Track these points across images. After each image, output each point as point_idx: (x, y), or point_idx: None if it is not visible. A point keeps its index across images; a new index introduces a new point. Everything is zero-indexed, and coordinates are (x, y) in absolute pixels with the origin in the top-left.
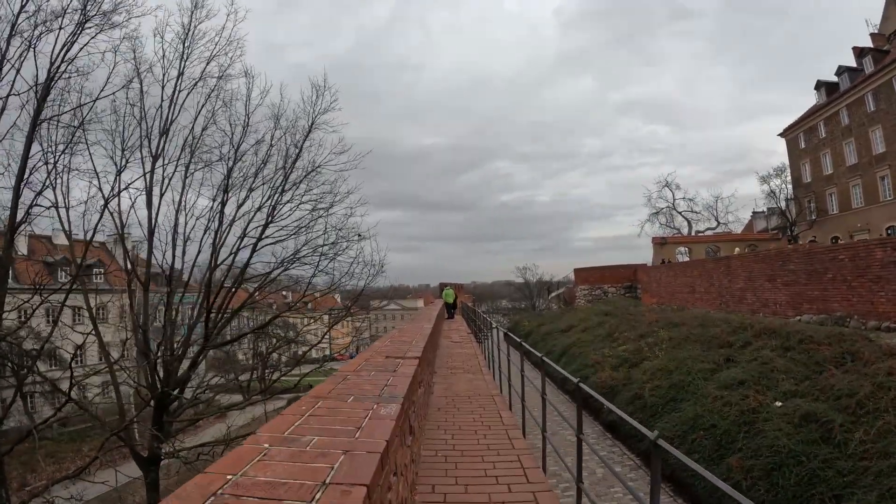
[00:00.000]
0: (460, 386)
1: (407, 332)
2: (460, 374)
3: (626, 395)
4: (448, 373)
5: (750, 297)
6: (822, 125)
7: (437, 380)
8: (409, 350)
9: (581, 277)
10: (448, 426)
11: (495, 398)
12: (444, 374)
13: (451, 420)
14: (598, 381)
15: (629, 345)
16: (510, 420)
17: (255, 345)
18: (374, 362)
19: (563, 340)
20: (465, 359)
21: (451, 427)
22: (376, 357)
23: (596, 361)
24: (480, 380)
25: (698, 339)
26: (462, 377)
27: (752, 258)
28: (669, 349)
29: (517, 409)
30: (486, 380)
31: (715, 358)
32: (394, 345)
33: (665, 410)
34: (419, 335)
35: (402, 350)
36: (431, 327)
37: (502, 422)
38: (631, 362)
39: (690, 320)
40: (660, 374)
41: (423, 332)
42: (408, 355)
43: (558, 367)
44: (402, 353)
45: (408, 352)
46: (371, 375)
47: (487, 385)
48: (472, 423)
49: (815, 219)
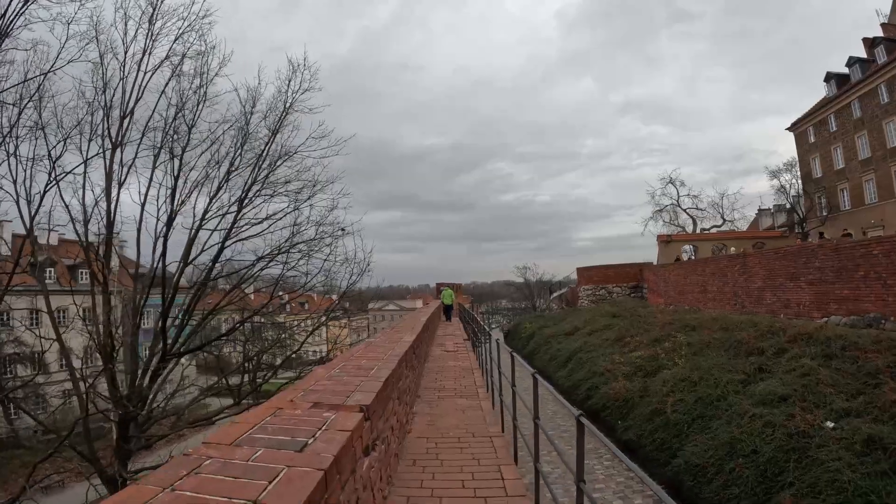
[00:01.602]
0: (449, 420)
1: (375, 348)
2: (451, 399)
3: (644, 411)
4: (435, 398)
5: (769, 297)
6: (833, 118)
7: (421, 406)
8: (359, 388)
9: (584, 277)
10: (422, 499)
11: (494, 442)
12: (430, 400)
13: (427, 486)
14: (611, 392)
15: (643, 351)
16: (516, 486)
17: (245, 347)
18: (284, 417)
19: (569, 344)
20: (458, 375)
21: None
22: (298, 403)
23: (606, 370)
24: (476, 408)
25: (722, 345)
26: (452, 405)
27: (773, 255)
28: (690, 356)
29: (525, 455)
30: (485, 408)
31: (744, 367)
32: (340, 378)
33: (692, 430)
34: (388, 358)
35: (346, 388)
36: (412, 340)
37: (505, 490)
38: (646, 371)
39: (709, 323)
40: (682, 386)
41: (395, 353)
42: (348, 403)
43: (563, 374)
44: (343, 398)
45: (353, 393)
46: (248, 460)
47: (485, 417)
48: (461, 491)
49: (826, 215)
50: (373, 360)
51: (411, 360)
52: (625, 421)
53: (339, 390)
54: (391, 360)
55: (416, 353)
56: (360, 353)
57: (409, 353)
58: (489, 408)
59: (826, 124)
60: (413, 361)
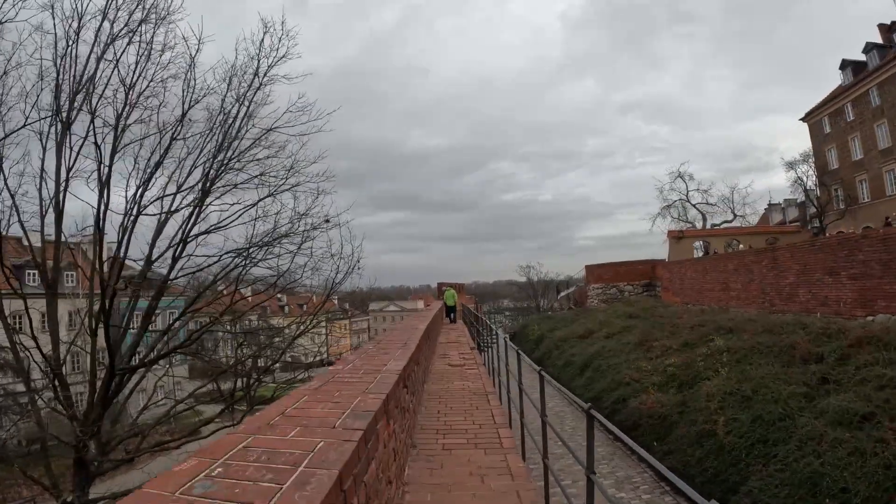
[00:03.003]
0: (462, 497)
1: (338, 387)
2: (462, 450)
3: (688, 432)
4: (437, 447)
5: (803, 295)
6: (850, 107)
7: (417, 465)
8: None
9: (594, 275)
10: None
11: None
12: (430, 450)
13: None
14: (643, 407)
15: (674, 357)
16: None
17: (237, 353)
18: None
19: (584, 349)
20: (469, 404)
21: None
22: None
23: (633, 379)
24: (502, 470)
25: (770, 350)
26: (465, 463)
27: (808, 248)
28: (733, 364)
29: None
30: (514, 468)
31: (803, 377)
32: (255, 461)
33: (752, 457)
34: (355, 412)
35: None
36: (402, 369)
37: None
38: (681, 380)
39: (746, 324)
40: (731, 401)
41: (366, 408)
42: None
43: (580, 383)
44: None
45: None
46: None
47: (519, 493)
48: None
49: (846, 208)
50: (325, 420)
51: (401, 401)
52: (663, 443)
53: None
54: (358, 421)
55: (408, 383)
56: (308, 400)
57: (393, 397)
58: (521, 467)
59: (842, 113)
60: (404, 399)
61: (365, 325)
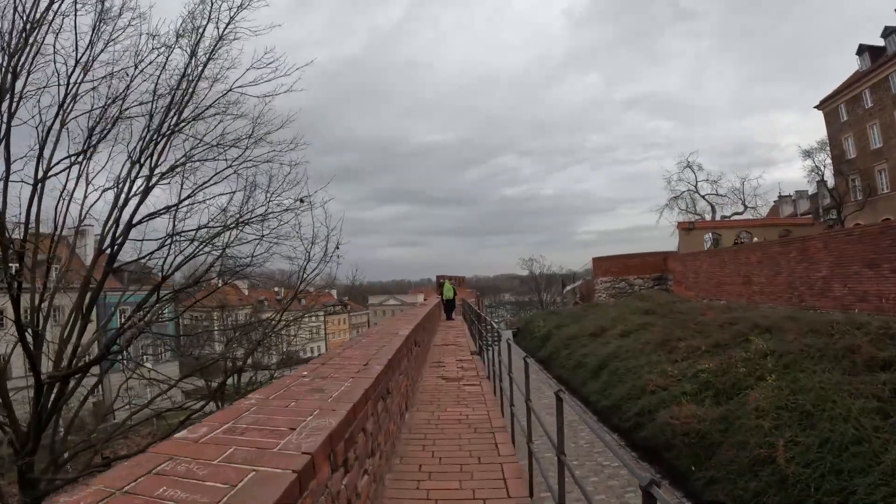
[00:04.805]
0: None
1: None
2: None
3: (738, 457)
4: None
5: (838, 289)
6: (868, 93)
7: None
8: None
9: (602, 268)
10: None
11: None
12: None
13: None
14: (675, 422)
15: (705, 360)
16: None
17: (227, 348)
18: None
19: (598, 349)
20: (466, 454)
21: None
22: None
23: (658, 386)
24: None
25: (823, 354)
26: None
27: (844, 237)
28: (780, 370)
29: None
30: None
31: (872, 388)
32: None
33: (826, 493)
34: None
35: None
36: (321, 443)
37: None
38: (717, 389)
39: (784, 322)
40: (788, 418)
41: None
42: None
43: (595, 388)
44: None
45: None
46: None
47: None
48: None
49: (867, 198)
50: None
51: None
52: (703, 467)
53: None
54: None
55: (351, 455)
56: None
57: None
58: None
59: (860, 100)
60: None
61: (364, 318)
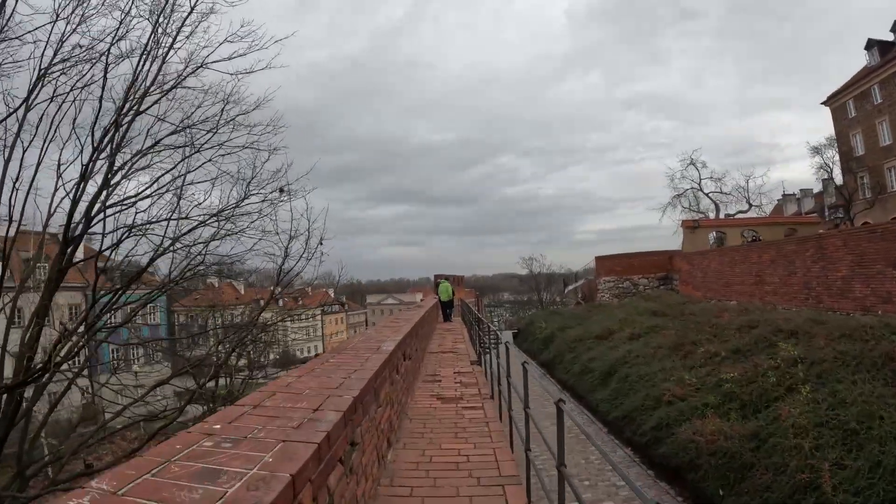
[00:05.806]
0: None
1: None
2: None
3: (778, 482)
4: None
5: (859, 290)
6: (877, 89)
7: None
8: None
9: (605, 267)
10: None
11: None
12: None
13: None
14: (699, 438)
15: (727, 367)
16: None
17: (219, 348)
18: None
19: (605, 353)
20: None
21: None
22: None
23: (675, 396)
24: None
25: (860, 363)
26: None
27: (865, 235)
28: (813, 380)
29: None
30: None
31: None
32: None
33: None
34: None
35: None
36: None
37: None
38: (743, 401)
39: (810, 326)
40: (830, 437)
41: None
42: None
43: (604, 396)
44: None
45: None
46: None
47: None
48: None
49: (877, 196)
50: None
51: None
52: (733, 492)
53: None
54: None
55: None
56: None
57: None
58: None
59: (869, 96)
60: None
61: (362, 318)
